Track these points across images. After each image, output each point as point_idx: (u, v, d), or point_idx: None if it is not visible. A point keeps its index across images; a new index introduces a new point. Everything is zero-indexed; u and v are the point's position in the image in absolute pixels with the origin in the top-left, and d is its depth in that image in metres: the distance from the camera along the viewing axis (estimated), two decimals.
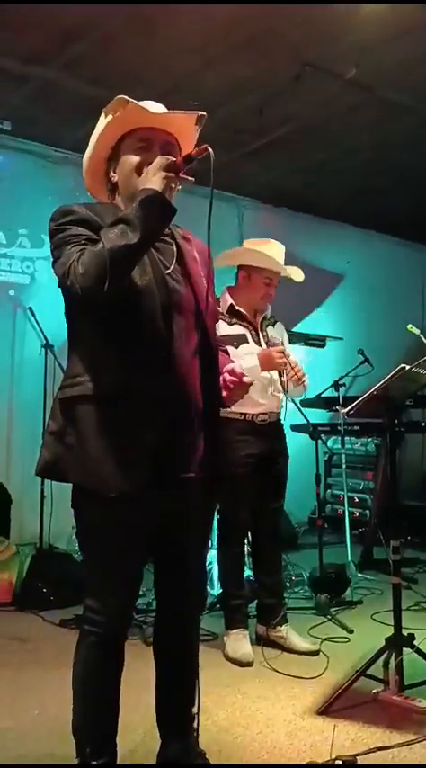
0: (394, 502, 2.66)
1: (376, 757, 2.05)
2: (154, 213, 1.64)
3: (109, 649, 1.80)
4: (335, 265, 6.83)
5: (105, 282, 1.59)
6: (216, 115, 4.59)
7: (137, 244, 1.61)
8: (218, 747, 2.16)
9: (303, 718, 2.39)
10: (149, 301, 1.72)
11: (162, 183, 1.65)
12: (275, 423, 3.19)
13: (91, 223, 1.71)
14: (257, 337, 3.18)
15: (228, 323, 3.14)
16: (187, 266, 1.85)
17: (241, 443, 3.04)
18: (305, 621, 3.42)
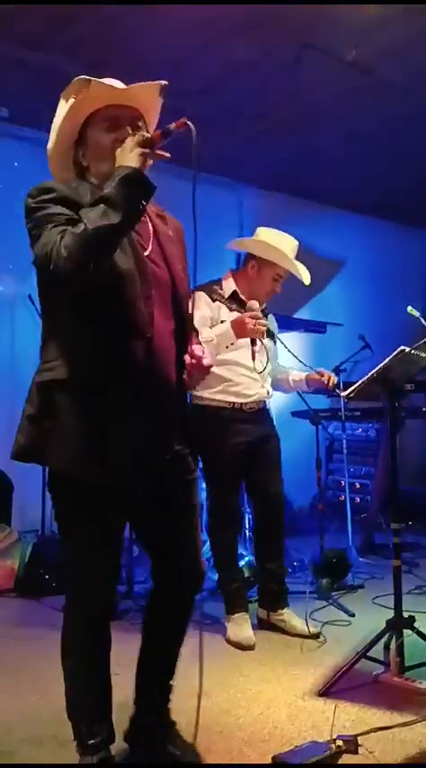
0: (395, 485, 2.66)
1: (376, 737, 2.06)
2: (134, 192, 1.61)
3: (94, 629, 1.81)
4: (336, 252, 6.80)
5: (90, 265, 1.57)
6: (215, 98, 4.57)
7: (120, 224, 1.59)
8: (220, 728, 2.17)
9: (304, 699, 2.40)
10: (130, 285, 1.71)
11: (138, 159, 1.63)
12: (262, 409, 3.20)
13: (70, 202, 1.67)
14: None
15: (229, 308, 3.11)
16: (163, 246, 1.83)
17: (229, 432, 3.05)
18: (306, 606, 3.43)
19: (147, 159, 1.65)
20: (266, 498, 3.22)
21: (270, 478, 3.22)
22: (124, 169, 1.62)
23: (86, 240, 1.56)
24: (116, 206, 1.58)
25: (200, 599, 3.54)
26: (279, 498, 3.26)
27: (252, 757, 1.98)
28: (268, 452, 3.21)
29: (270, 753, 1.95)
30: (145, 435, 1.74)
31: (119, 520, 1.81)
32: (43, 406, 1.73)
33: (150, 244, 1.81)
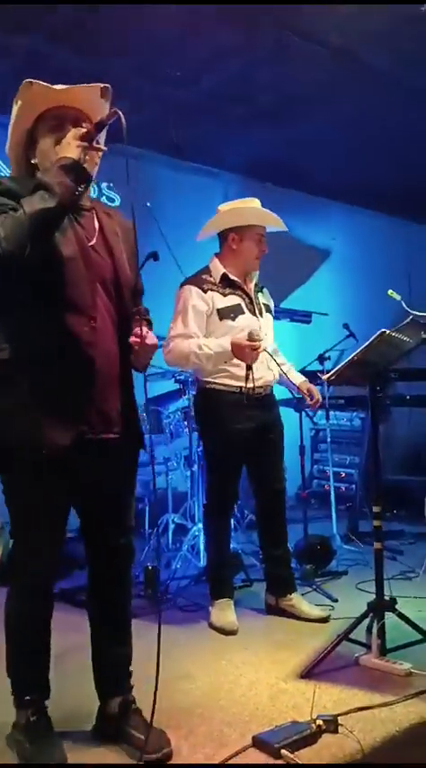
0: (377, 467, 2.66)
1: (356, 717, 2.07)
2: (69, 178, 1.76)
3: (37, 597, 1.93)
4: (321, 241, 6.81)
5: (26, 246, 1.69)
6: (199, 84, 4.54)
7: (55, 207, 1.73)
8: (201, 710, 2.17)
9: (286, 681, 2.40)
10: (74, 272, 1.85)
11: (76, 151, 1.78)
12: (269, 395, 3.17)
13: (14, 193, 1.79)
14: (251, 306, 3.13)
15: (222, 293, 3.09)
16: (108, 240, 1.97)
17: (236, 416, 3.01)
18: None
19: (86, 151, 1.81)
20: (268, 485, 3.20)
21: (273, 465, 3.20)
22: (62, 159, 1.78)
23: (22, 222, 1.69)
24: (51, 191, 1.73)
25: (184, 585, 3.59)
26: (281, 484, 3.25)
27: (233, 737, 1.98)
28: (272, 439, 3.18)
29: (251, 733, 1.95)
30: (87, 413, 1.86)
31: (61, 492, 1.88)
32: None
33: (95, 237, 1.95)
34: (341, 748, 1.90)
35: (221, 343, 2.96)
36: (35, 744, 1.86)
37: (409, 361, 5.69)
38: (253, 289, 3.19)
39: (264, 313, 3.18)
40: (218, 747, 1.92)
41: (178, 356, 3.05)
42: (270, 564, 3.27)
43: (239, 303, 3.09)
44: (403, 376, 4.88)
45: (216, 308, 3.05)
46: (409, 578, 3.72)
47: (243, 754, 1.87)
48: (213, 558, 3.27)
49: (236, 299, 3.09)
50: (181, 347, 3.02)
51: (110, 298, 1.93)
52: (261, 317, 3.15)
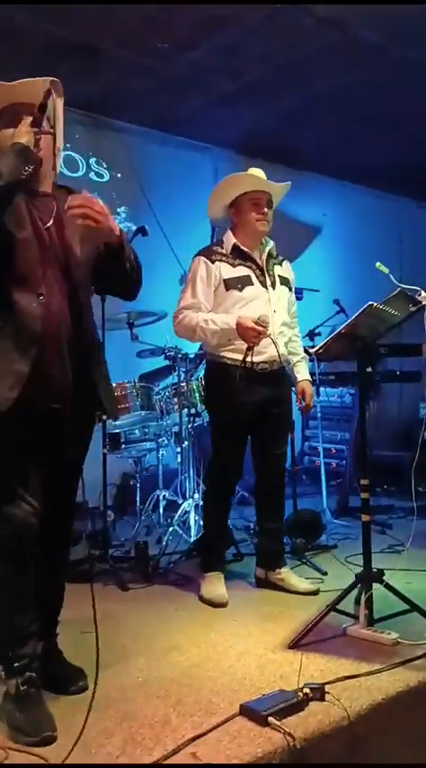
0: (364, 440, 2.67)
1: (343, 685, 2.09)
2: (15, 159, 1.88)
3: (16, 557, 1.96)
4: (312, 218, 6.77)
5: None
6: (187, 56, 4.48)
7: (1, 187, 1.85)
8: (189, 681, 2.20)
9: (274, 652, 2.43)
10: (28, 252, 1.97)
11: (27, 136, 1.92)
12: (277, 370, 3.13)
13: None
14: (263, 277, 3.12)
15: (232, 264, 3.08)
16: (64, 223, 2.07)
17: (239, 390, 3.00)
18: None
19: (37, 136, 1.94)
20: (270, 459, 3.18)
21: (277, 441, 3.19)
22: (12, 145, 1.92)
23: None
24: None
25: (176, 559, 3.62)
26: (282, 459, 3.23)
27: (221, 706, 2.00)
28: (278, 415, 3.15)
29: (239, 702, 1.97)
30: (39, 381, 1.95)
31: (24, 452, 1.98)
32: None
33: (51, 219, 2.06)
34: (328, 715, 1.92)
35: (227, 320, 2.96)
36: (24, 713, 1.89)
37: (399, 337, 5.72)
38: (267, 260, 3.17)
39: (278, 285, 3.16)
40: (207, 716, 1.95)
41: (185, 329, 3.07)
42: (262, 537, 3.28)
43: (248, 274, 3.08)
44: (392, 351, 4.88)
45: (222, 278, 3.06)
46: (398, 551, 3.74)
47: (230, 721, 1.90)
48: (208, 532, 3.28)
49: (246, 270, 3.09)
50: (189, 320, 3.03)
51: (64, 276, 2.05)
52: (274, 289, 3.13)
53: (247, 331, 2.90)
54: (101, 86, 4.86)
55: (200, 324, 3.00)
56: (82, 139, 5.33)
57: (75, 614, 2.10)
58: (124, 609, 2.92)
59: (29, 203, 2.02)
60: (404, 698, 2.09)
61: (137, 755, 1.73)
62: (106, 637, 2.13)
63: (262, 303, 3.06)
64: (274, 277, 3.16)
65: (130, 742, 1.79)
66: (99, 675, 2.10)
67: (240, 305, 3.02)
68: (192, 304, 3.05)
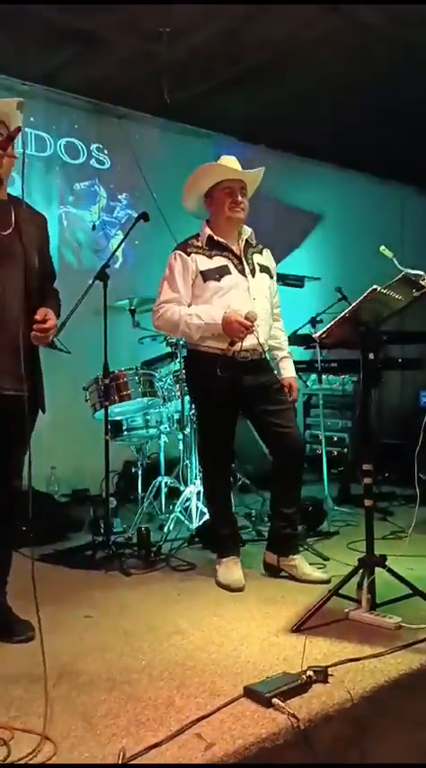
0: (367, 425, 2.67)
1: (346, 668, 2.10)
2: None
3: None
4: (314, 205, 6.74)
5: None
6: (187, 41, 4.44)
7: None
8: (193, 663, 2.20)
9: (277, 635, 2.44)
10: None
11: None
12: (259, 360, 3.13)
13: None
14: (241, 266, 3.11)
15: (208, 256, 3.08)
16: (22, 231, 2.35)
17: (221, 378, 2.98)
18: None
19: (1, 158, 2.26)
20: (281, 440, 3.10)
21: (282, 420, 3.10)
22: None
23: None
24: None
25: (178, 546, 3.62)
26: (294, 439, 3.13)
27: (225, 688, 2.01)
28: (270, 397, 3.12)
29: (243, 684, 1.98)
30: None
31: None
32: None
33: (9, 228, 2.33)
34: (331, 697, 1.93)
35: (213, 314, 2.96)
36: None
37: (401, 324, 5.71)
38: (246, 248, 3.17)
39: (258, 273, 3.15)
40: (211, 698, 1.95)
41: (167, 323, 3.08)
42: (277, 522, 3.20)
43: (225, 264, 3.08)
44: (395, 339, 4.87)
45: (199, 270, 3.05)
46: (400, 538, 3.76)
47: (235, 703, 1.90)
48: (215, 517, 3.29)
49: (223, 261, 3.08)
50: (171, 314, 3.03)
51: (21, 278, 2.32)
52: (253, 276, 3.12)
53: (232, 324, 2.91)
54: (101, 72, 4.83)
55: (185, 318, 3.00)
56: (83, 126, 5.30)
57: (79, 598, 2.11)
58: (127, 594, 2.92)
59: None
60: (407, 680, 2.10)
61: (142, 736, 1.73)
62: (109, 621, 2.16)
63: (242, 291, 3.06)
64: (253, 265, 3.16)
65: (135, 723, 1.79)
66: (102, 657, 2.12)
67: (219, 294, 3.02)
68: (173, 298, 3.05)
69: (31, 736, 1.76)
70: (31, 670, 2.01)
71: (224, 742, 1.70)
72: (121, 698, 1.97)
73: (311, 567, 3.16)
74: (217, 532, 3.26)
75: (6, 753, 1.67)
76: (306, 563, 3.17)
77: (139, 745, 1.68)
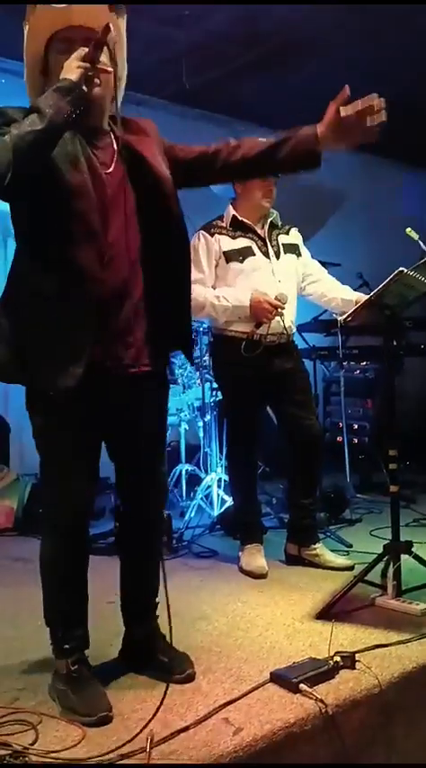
0: (392, 412, 2.63)
1: (373, 654, 2.08)
2: (62, 99, 1.63)
3: (69, 541, 1.88)
4: (334, 189, 6.66)
5: (9, 171, 1.59)
6: (205, 25, 4.39)
7: (43, 130, 1.61)
8: (219, 649, 2.19)
9: (302, 621, 2.42)
10: (83, 201, 1.74)
11: (77, 72, 1.65)
12: (285, 344, 3.10)
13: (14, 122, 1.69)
14: (265, 248, 3.08)
15: (232, 237, 3.05)
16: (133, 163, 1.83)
17: (242, 363, 2.97)
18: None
19: (89, 73, 1.67)
20: (300, 432, 3.08)
21: (302, 411, 3.08)
22: (60, 81, 1.67)
23: (7, 147, 1.60)
24: (42, 113, 1.62)
25: (199, 533, 3.62)
26: (314, 431, 3.12)
27: (251, 674, 2.00)
28: (295, 385, 3.10)
29: (269, 669, 1.97)
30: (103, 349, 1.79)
31: (88, 431, 1.84)
32: (9, 325, 1.80)
33: (112, 164, 1.83)
34: (359, 683, 1.91)
35: (240, 297, 2.93)
36: (79, 694, 1.80)
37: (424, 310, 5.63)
38: (272, 231, 3.13)
39: (283, 254, 3.12)
40: (237, 683, 1.94)
41: (192, 304, 3.03)
42: (296, 513, 3.18)
43: (249, 246, 3.05)
44: (418, 325, 4.81)
45: (222, 250, 3.02)
46: (423, 525, 3.72)
47: (261, 688, 1.89)
48: (239, 504, 3.27)
49: (246, 242, 3.05)
50: (196, 294, 2.99)
51: (133, 228, 1.81)
52: (278, 258, 3.09)
53: (261, 304, 2.88)
54: None
55: (210, 300, 2.98)
56: None
57: (102, 584, 2.10)
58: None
59: (85, 144, 1.78)
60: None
61: (169, 720, 1.73)
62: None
63: (265, 274, 3.03)
64: (278, 246, 3.12)
65: (162, 707, 1.78)
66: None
67: (242, 276, 3.00)
68: (197, 279, 2.99)
69: (59, 720, 1.76)
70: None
71: (252, 726, 1.69)
72: (147, 683, 1.97)
73: (333, 554, 3.13)
74: (240, 520, 3.24)
75: (34, 737, 1.67)
76: (328, 550, 3.14)
77: (167, 729, 1.67)
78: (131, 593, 2.09)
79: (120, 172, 1.82)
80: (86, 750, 1.61)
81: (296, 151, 1.89)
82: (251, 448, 3.21)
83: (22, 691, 1.93)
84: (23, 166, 1.61)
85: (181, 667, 1.95)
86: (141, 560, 2.06)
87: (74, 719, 1.74)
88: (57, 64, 1.75)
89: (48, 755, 1.58)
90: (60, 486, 1.84)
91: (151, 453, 1.97)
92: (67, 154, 1.73)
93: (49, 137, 1.64)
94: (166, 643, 1.97)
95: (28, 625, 2.44)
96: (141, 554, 2.05)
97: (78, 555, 1.90)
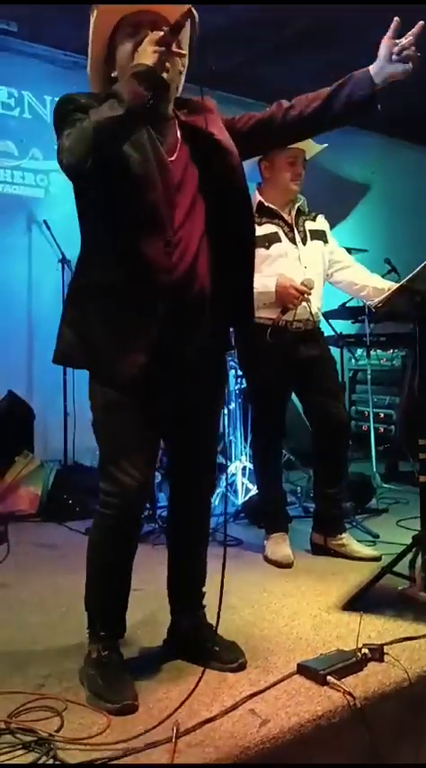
0: (423, 398, 2.58)
1: (402, 647, 2.04)
2: (141, 84, 1.61)
3: (122, 530, 1.86)
4: (360, 176, 6.57)
5: (88, 157, 1.58)
6: (230, 9, 4.31)
7: (123, 115, 1.60)
8: (245, 639, 2.15)
9: (329, 612, 2.39)
10: (150, 191, 1.73)
11: (152, 57, 1.63)
12: (312, 330, 3.06)
13: (88, 109, 1.67)
14: (292, 234, 3.03)
15: (258, 223, 2.98)
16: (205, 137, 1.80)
17: (273, 350, 2.92)
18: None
19: (164, 57, 1.64)
20: (326, 421, 3.04)
21: (329, 400, 3.05)
22: (135, 66, 1.64)
23: (86, 132, 1.61)
24: (120, 99, 1.60)
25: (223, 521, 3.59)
26: (341, 420, 3.09)
27: (277, 665, 1.97)
28: (321, 373, 3.06)
29: (296, 660, 1.94)
30: (171, 339, 1.78)
31: (148, 419, 1.82)
32: (76, 312, 1.83)
33: (176, 151, 1.81)
34: (388, 676, 1.88)
35: (266, 282, 2.88)
36: (107, 680, 1.80)
37: None
38: (299, 217, 3.08)
39: (310, 241, 3.07)
40: (263, 674, 1.92)
41: None
42: (322, 503, 3.14)
43: (275, 231, 3.00)
44: None
45: None
46: None
47: (288, 680, 1.86)
48: (265, 493, 3.24)
49: (272, 228, 3.00)
50: None
51: (198, 212, 1.80)
52: (304, 245, 3.04)
53: (288, 290, 2.84)
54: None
55: None
56: None
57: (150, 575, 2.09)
58: None
59: (151, 131, 1.75)
60: None
61: (195, 710, 1.71)
62: (158, 594, 2.13)
63: (292, 260, 2.99)
64: (304, 233, 3.06)
65: (188, 698, 1.76)
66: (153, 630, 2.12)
67: (268, 263, 2.95)
68: None
69: (84, 708, 1.75)
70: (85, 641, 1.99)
71: (278, 718, 1.67)
72: (173, 672, 1.95)
73: (360, 544, 3.09)
74: (265, 509, 3.22)
75: (60, 723, 1.66)
76: (355, 540, 3.10)
77: (193, 719, 1.65)
78: (181, 583, 2.08)
79: (185, 157, 1.82)
80: (112, 738, 1.59)
81: (352, 97, 1.86)
82: (276, 436, 3.17)
83: (48, 677, 1.92)
84: (103, 152, 1.62)
85: (233, 656, 1.96)
86: (193, 548, 2.06)
87: (98, 706, 1.74)
88: (124, 50, 1.75)
89: (73, 742, 1.57)
90: (118, 474, 1.80)
91: (209, 438, 2.00)
92: (134, 142, 1.71)
93: (129, 123, 1.64)
94: (214, 632, 1.96)
95: (53, 611, 2.45)
96: (193, 542, 2.05)
97: (128, 544, 1.89)
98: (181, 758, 1.51)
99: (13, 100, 4.81)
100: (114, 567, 1.89)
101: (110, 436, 1.83)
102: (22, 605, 2.53)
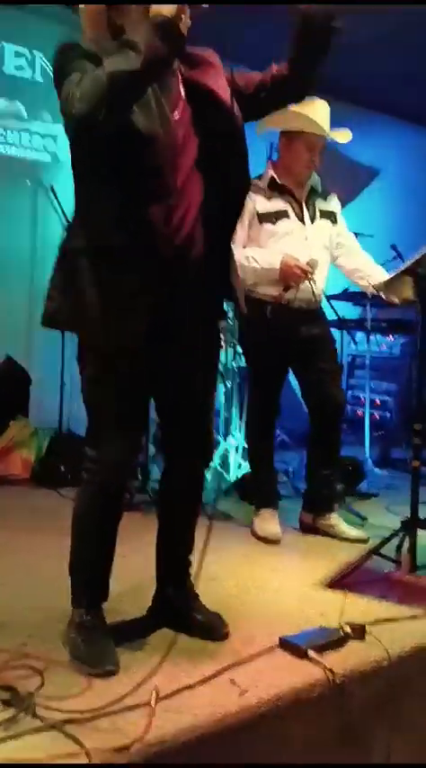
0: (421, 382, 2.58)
1: (384, 627, 2.05)
2: (161, 38, 1.53)
3: (107, 497, 1.85)
4: (370, 159, 6.50)
5: (101, 109, 1.50)
6: None
7: (140, 69, 1.52)
8: (227, 611, 2.14)
9: (314, 589, 2.41)
10: (154, 151, 1.66)
11: (172, 9, 1.54)
12: (313, 310, 3.05)
13: (95, 57, 1.59)
14: (301, 212, 3.01)
15: (267, 198, 2.98)
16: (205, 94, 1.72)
17: (273, 328, 2.92)
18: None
19: (182, 13, 1.56)
20: (322, 401, 3.04)
21: (327, 380, 3.04)
22: (155, 17, 1.55)
23: (100, 81, 1.52)
24: (137, 50, 1.52)
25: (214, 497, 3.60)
26: (337, 400, 3.09)
27: (259, 638, 1.98)
28: (321, 352, 3.06)
29: (278, 635, 1.95)
30: (165, 305, 1.74)
31: (138, 386, 1.80)
32: (66, 274, 1.76)
33: (179, 109, 1.73)
34: (368, 655, 1.89)
35: (270, 260, 2.87)
36: (88, 644, 1.80)
37: None
38: (309, 195, 3.06)
39: (319, 219, 3.05)
40: (245, 646, 1.93)
41: None
42: (314, 483, 3.15)
43: (284, 209, 2.98)
44: None
45: (257, 210, 2.96)
46: None
47: (270, 653, 1.88)
48: (255, 471, 3.25)
49: (282, 204, 2.98)
50: None
51: (197, 176, 1.74)
52: (312, 223, 3.02)
53: (292, 271, 2.83)
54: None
55: (241, 261, 2.89)
56: None
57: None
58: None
59: (155, 91, 1.66)
60: None
61: (175, 676, 1.72)
62: (144, 562, 2.14)
63: (298, 238, 2.97)
64: (314, 211, 3.04)
65: (168, 664, 1.77)
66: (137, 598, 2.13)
67: (275, 239, 2.94)
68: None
69: (65, 669, 1.76)
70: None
71: (258, 689, 1.68)
72: (156, 639, 1.96)
73: (348, 525, 3.10)
74: (256, 485, 3.23)
75: (40, 682, 1.67)
76: (343, 521, 3.12)
77: (172, 685, 1.66)
78: (169, 551, 2.07)
79: (187, 116, 1.74)
80: (91, 699, 1.60)
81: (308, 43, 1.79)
82: (271, 414, 3.17)
83: (31, 637, 1.93)
84: (117, 105, 1.55)
85: (216, 625, 1.98)
86: (184, 517, 2.05)
87: (80, 670, 1.75)
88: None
89: (52, 700, 1.58)
90: (107, 441, 1.79)
91: (204, 408, 1.96)
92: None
93: (146, 77, 1.57)
94: (200, 602, 1.97)
95: (42, 573, 2.45)
96: (185, 511, 2.04)
97: (114, 510, 1.88)
98: (158, 723, 1.52)
99: (24, 60, 4.73)
100: (97, 533, 1.88)
101: (99, 404, 1.80)
102: (10, 567, 2.54)
